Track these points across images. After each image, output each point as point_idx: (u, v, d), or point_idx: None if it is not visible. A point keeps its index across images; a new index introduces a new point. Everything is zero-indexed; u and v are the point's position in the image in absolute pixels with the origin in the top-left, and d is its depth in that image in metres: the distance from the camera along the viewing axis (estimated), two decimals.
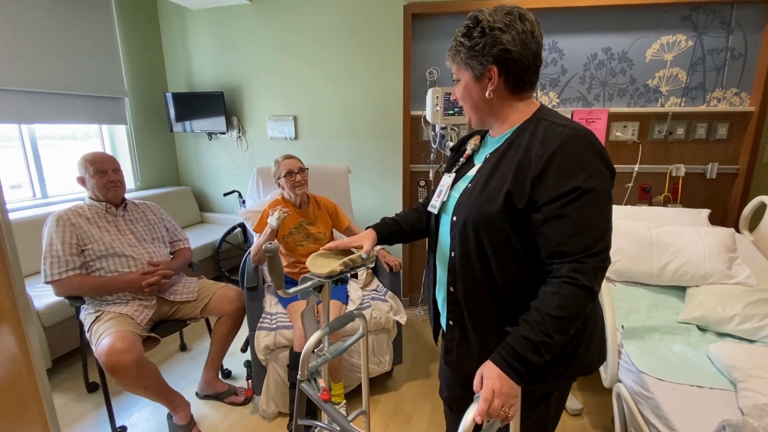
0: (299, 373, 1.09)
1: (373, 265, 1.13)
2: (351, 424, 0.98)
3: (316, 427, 1.14)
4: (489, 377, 0.76)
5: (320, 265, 1.07)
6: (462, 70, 0.90)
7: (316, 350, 1.16)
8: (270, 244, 1.01)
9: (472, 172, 0.95)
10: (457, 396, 1.20)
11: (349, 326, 1.81)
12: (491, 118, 0.93)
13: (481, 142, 1.01)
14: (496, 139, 0.93)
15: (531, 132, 0.84)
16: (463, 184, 0.96)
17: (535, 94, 2.68)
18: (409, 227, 1.16)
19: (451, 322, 0.99)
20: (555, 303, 0.76)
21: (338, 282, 1.12)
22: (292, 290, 1.10)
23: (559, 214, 0.77)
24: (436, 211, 1.00)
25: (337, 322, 1.12)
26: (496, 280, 0.87)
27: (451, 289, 0.96)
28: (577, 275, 0.75)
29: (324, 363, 1.15)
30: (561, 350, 0.88)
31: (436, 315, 1.09)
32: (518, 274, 0.86)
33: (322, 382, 1.16)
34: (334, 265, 1.04)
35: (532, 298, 0.81)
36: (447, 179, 1.01)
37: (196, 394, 2.00)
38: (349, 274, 1.09)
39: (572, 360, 0.90)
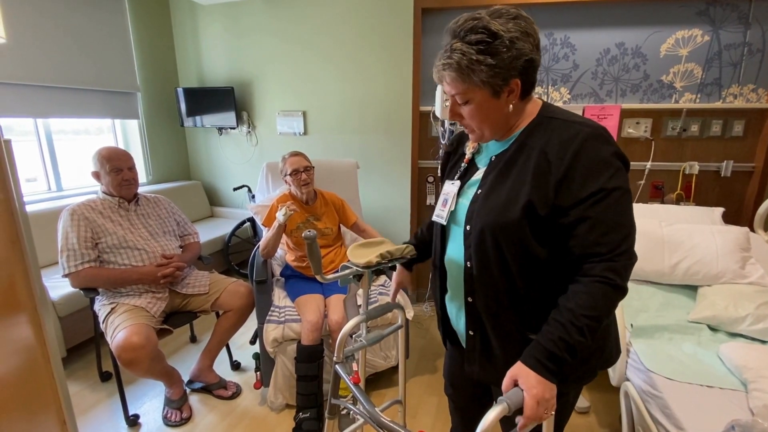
0: (335, 355, 1.13)
1: (414, 255, 1.16)
2: (376, 409, 1.01)
3: (345, 409, 1.17)
4: (530, 386, 0.73)
5: (359, 255, 1.11)
6: (476, 90, 0.80)
7: (353, 335, 1.18)
8: (309, 231, 1.04)
9: (477, 176, 0.92)
10: (463, 394, 1.19)
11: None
12: (504, 129, 0.88)
13: (479, 143, 0.96)
14: (501, 143, 0.89)
15: (543, 132, 0.82)
16: (470, 190, 0.92)
17: (546, 90, 2.66)
18: (427, 247, 1.14)
19: (471, 332, 0.97)
20: (589, 303, 0.75)
21: (377, 272, 1.15)
22: (330, 276, 1.14)
23: (588, 216, 0.76)
24: (444, 222, 0.96)
25: (376, 311, 1.14)
26: (518, 287, 0.85)
27: (469, 299, 0.93)
28: (611, 274, 0.75)
29: (360, 348, 1.17)
30: (584, 359, 0.88)
31: (444, 320, 1.07)
32: (541, 281, 0.84)
33: (355, 366, 1.19)
34: (371, 256, 1.07)
35: (554, 304, 0.80)
36: (452, 187, 0.96)
37: (188, 381, 2.03)
38: (388, 266, 1.12)
39: (594, 357, 0.90)
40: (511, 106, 0.83)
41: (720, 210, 2.20)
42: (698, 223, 2.11)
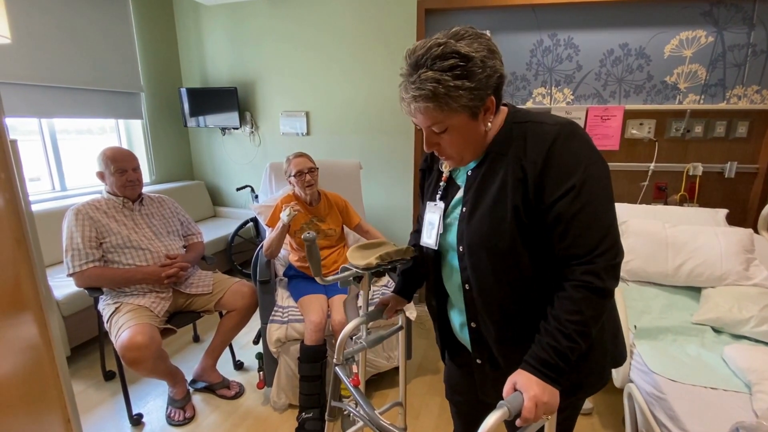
0: (335, 357, 1.12)
1: (415, 255, 1.14)
2: (376, 411, 1.01)
3: (345, 410, 1.17)
4: (528, 387, 0.72)
5: (359, 256, 1.10)
6: (454, 116, 0.77)
7: (353, 337, 1.18)
8: (308, 233, 1.04)
9: (460, 195, 0.90)
10: (464, 399, 1.19)
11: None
12: (483, 148, 0.85)
13: None
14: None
15: (514, 139, 0.81)
16: (456, 211, 0.90)
17: (549, 91, 2.66)
18: (422, 268, 1.13)
19: (479, 361, 0.95)
20: (572, 308, 0.74)
21: (378, 274, 1.14)
22: (330, 278, 1.13)
23: (561, 218, 0.75)
24: (435, 246, 0.92)
25: (374, 312, 1.14)
26: (521, 304, 0.83)
27: (473, 324, 0.91)
28: (590, 278, 0.73)
29: (360, 350, 1.17)
30: (600, 358, 0.87)
31: (443, 333, 1.06)
32: (544, 294, 0.81)
33: (355, 368, 1.18)
34: (371, 258, 1.06)
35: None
36: (436, 209, 0.93)
37: (192, 381, 2.04)
38: (388, 267, 1.12)
39: (606, 362, 0.90)
40: (489, 123, 0.82)
41: (724, 211, 2.20)
42: (702, 224, 2.10)
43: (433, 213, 0.94)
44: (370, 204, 3.00)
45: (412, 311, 2.03)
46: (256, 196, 3.32)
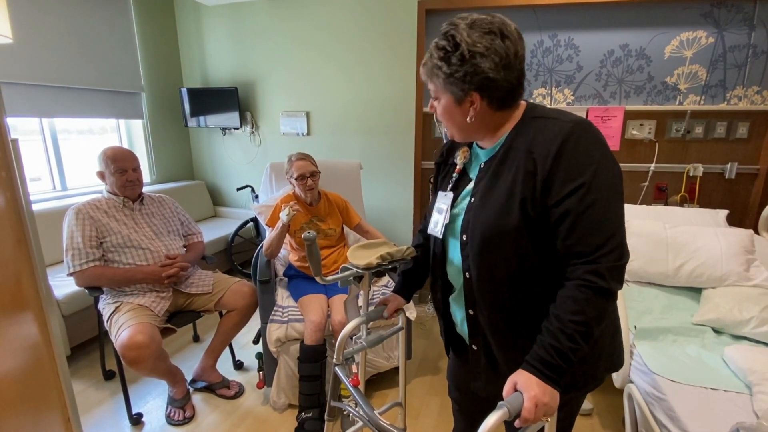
0: (335, 357, 1.13)
1: (415, 255, 1.14)
2: (375, 411, 1.01)
3: (345, 410, 1.18)
4: (528, 388, 0.72)
5: (359, 256, 1.10)
6: (441, 92, 0.84)
7: (353, 337, 1.18)
8: (309, 233, 1.04)
9: (470, 187, 0.91)
10: (467, 397, 1.19)
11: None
12: (478, 135, 0.88)
13: (470, 152, 0.95)
14: (489, 149, 0.88)
15: (527, 133, 0.81)
16: (464, 201, 0.91)
17: (549, 92, 2.65)
18: (423, 269, 1.13)
19: (474, 347, 0.95)
20: (574, 308, 0.73)
21: (378, 274, 1.14)
22: (330, 278, 1.14)
23: (569, 214, 0.74)
24: (440, 235, 0.94)
25: (376, 312, 1.14)
26: (520, 297, 0.83)
27: (470, 312, 0.91)
28: (593, 277, 0.73)
29: (360, 350, 1.17)
30: (593, 356, 0.87)
31: (447, 327, 1.07)
32: (543, 288, 0.81)
33: (354, 368, 1.18)
34: (372, 257, 1.06)
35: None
36: (445, 199, 0.95)
37: (192, 380, 2.03)
38: (388, 267, 1.12)
39: (600, 363, 0.89)
40: (471, 118, 0.82)
41: (724, 212, 2.20)
42: (702, 225, 2.10)
43: (442, 203, 0.95)
44: (370, 204, 3.00)
45: (412, 311, 2.03)
46: (257, 196, 3.32)
